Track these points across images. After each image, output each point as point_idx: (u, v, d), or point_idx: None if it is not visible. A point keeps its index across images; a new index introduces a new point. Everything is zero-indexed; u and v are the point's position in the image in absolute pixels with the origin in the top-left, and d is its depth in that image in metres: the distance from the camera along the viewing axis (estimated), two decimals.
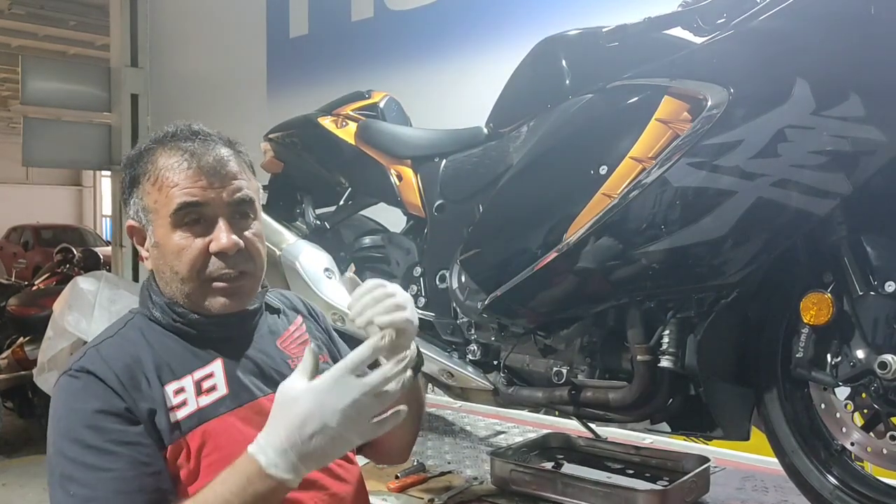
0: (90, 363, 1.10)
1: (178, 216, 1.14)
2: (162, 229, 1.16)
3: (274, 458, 0.98)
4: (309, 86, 4.58)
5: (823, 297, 1.45)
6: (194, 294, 1.16)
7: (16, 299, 5.55)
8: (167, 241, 1.15)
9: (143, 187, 1.17)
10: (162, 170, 1.15)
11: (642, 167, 1.54)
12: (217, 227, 1.15)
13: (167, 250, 1.15)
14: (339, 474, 1.23)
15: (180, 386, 1.13)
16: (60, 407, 1.09)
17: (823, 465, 1.52)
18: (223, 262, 1.15)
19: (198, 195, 1.14)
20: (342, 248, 2.35)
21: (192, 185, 1.14)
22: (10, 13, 9.27)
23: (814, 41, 1.40)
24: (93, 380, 1.08)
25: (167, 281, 1.17)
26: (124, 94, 6.21)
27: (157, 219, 1.16)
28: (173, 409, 1.11)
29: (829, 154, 1.35)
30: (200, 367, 1.15)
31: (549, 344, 1.84)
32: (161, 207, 1.15)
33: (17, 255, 13.74)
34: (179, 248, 1.14)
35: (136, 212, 1.19)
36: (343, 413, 0.97)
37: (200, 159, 1.15)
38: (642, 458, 1.96)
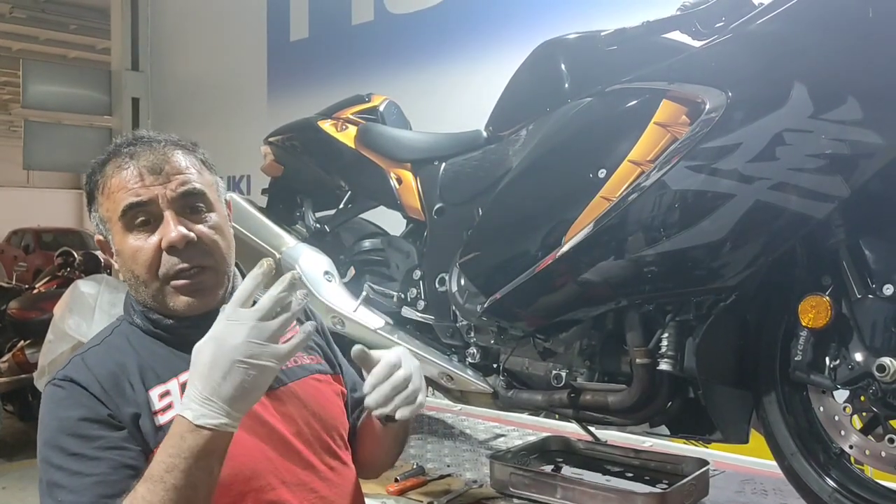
0: (74, 372, 1.11)
1: (126, 219, 1.15)
2: (118, 236, 1.17)
3: (198, 409, 0.98)
4: (309, 89, 4.59)
5: (822, 300, 1.45)
6: (158, 296, 1.16)
7: (16, 303, 5.54)
8: (123, 246, 1.16)
9: (97, 200, 1.20)
10: (108, 178, 1.17)
11: (641, 170, 1.54)
12: (164, 223, 1.15)
13: (125, 256, 1.16)
14: (328, 477, 1.22)
15: (165, 389, 1.13)
16: (45, 416, 1.10)
17: (822, 468, 1.52)
18: (177, 258, 1.14)
19: (141, 194, 1.14)
20: (342, 251, 2.36)
21: (134, 186, 1.15)
22: (11, 17, 9.29)
23: (811, 44, 1.40)
24: (76, 389, 1.09)
25: (134, 287, 1.19)
26: (125, 97, 6.22)
27: (112, 227, 1.18)
28: (158, 412, 1.11)
29: (826, 157, 1.35)
30: (185, 369, 1.12)
31: (549, 347, 1.84)
32: (112, 214, 1.17)
33: (17, 259, 13.72)
34: (133, 250, 1.15)
35: (97, 225, 1.21)
36: (245, 344, 0.98)
37: (140, 160, 1.16)
38: (642, 461, 1.97)
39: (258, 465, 1.14)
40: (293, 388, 1.23)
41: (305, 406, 1.23)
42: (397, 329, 2.11)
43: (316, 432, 1.22)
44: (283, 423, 1.19)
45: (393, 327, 2.11)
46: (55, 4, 8.99)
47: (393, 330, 2.10)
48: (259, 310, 1.00)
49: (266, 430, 1.16)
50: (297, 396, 1.23)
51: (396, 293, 2.16)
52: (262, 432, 1.16)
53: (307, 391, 1.25)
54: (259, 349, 0.98)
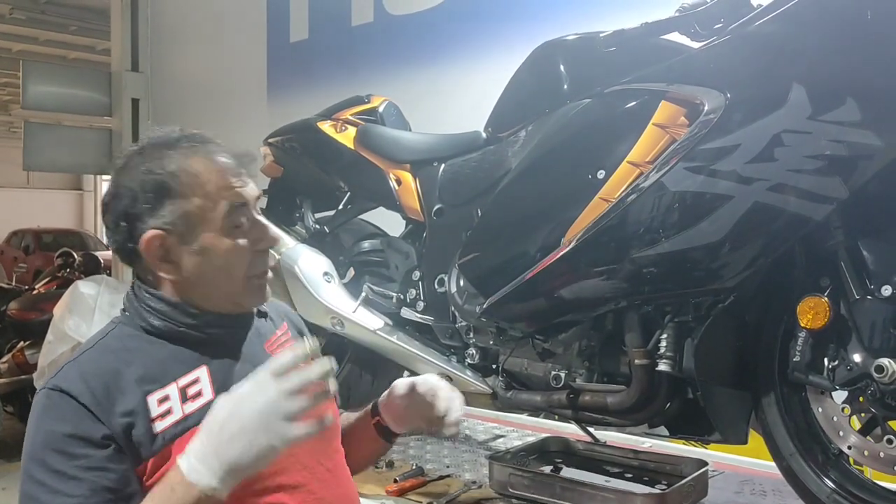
0: (65, 381, 1.09)
1: (230, 219, 1.15)
2: (212, 234, 1.14)
3: (195, 464, 0.97)
4: (309, 90, 4.59)
5: (820, 301, 1.46)
6: (239, 293, 1.17)
7: (16, 303, 5.54)
8: (219, 244, 1.15)
9: (177, 191, 1.14)
10: (197, 172, 1.15)
11: (640, 172, 1.54)
12: (258, 224, 1.18)
13: (219, 254, 1.15)
14: (325, 478, 1.22)
15: (164, 394, 1.11)
16: (33, 425, 1.09)
17: (821, 469, 1.52)
18: (264, 258, 1.19)
19: (241, 197, 1.16)
20: (341, 252, 2.36)
21: (237, 186, 1.16)
22: (10, 18, 9.29)
23: (810, 46, 1.41)
24: (66, 400, 1.07)
25: (207, 286, 1.16)
26: (125, 98, 6.21)
27: (202, 224, 1.14)
28: (156, 419, 1.09)
29: (825, 158, 1.35)
30: (185, 373, 1.14)
31: (548, 348, 1.85)
32: (209, 212, 1.14)
33: (17, 260, 13.71)
34: (233, 249, 1.15)
35: (169, 220, 1.14)
36: (260, 414, 0.97)
37: (225, 159, 1.17)
38: (641, 461, 1.97)
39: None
40: None
41: None
42: (396, 330, 2.11)
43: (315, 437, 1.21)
44: None
45: (392, 328, 2.11)
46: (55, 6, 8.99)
47: (392, 331, 2.10)
48: (286, 386, 0.99)
49: None
50: None
51: (396, 294, 2.16)
52: None
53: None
54: (271, 425, 0.97)
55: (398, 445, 2.30)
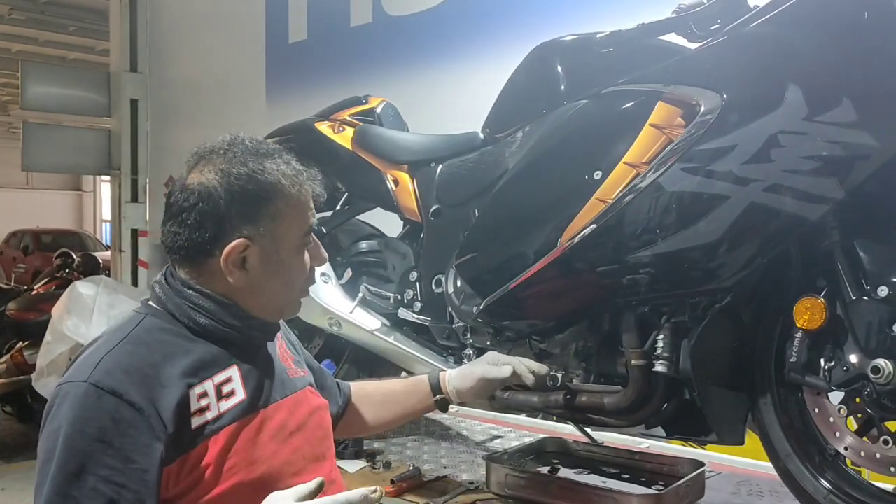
0: (108, 377, 1.06)
1: (308, 237, 1.24)
2: (291, 250, 1.21)
3: None
4: (308, 91, 4.59)
5: (816, 301, 1.46)
6: (287, 305, 1.26)
7: (15, 304, 5.54)
8: (294, 260, 1.22)
9: (278, 208, 1.18)
10: (291, 196, 1.20)
11: (636, 172, 1.54)
12: (316, 244, 1.27)
13: (294, 268, 1.22)
14: (331, 479, 1.24)
15: (203, 390, 1.12)
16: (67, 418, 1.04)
17: (817, 470, 1.52)
18: (314, 275, 1.28)
19: (316, 217, 1.27)
20: (339, 252, 2.36)
21: (313, 208, 1.25)
22: (10, 18, 9.29)
23: (806, 47, 1.41)
24: (107, 399, 1.04)
25: (270, 295, 1.21)
26: (124, 98, 6.22)
27: (286, 240, 1.20)
28: (196, 413, 1.10)
29: (821, 159, 1.35)
30: (218, 371, 1.15)
31: (545, 348, 1.85)
32: (296, 231, 1.21)
33: (16, 260, 13.71)
34: (305, 266, 1.24)
35: (259, 231, 1.16)
36: None
37: (310, 188, 1.25)
38: (637, 462, 1.97)
39: (282, 469, 1.16)
40: (302, 397, 1.28)
41: (311, 414, 1.28)
42: (394, 330, 2.11)
43: (318, 439, 1.27)
44: (299, 429, 1.23)
45: (389, 329, 2.11)
46: (54, 6, 8.99)
47: (389, 331, 2.10)
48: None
49: (286, 436, 1.20)
50: (306, 404, 1.28)
51: (393, 295, 2.16)
52: (282, 437, 1.19)
53: (310, 401, 1.30)
54: None
55: (395, 446, 2.32)
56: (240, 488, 1.10)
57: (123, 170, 6.15)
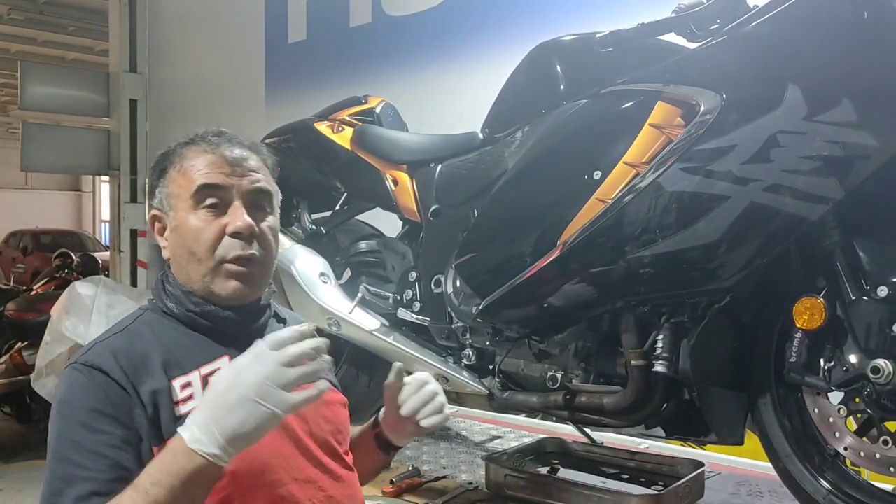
0: (96, 357, 1.12)
1: (198, 196, 1.20)
2: (183, 212, 1.21)
3: (197, 433, 0.98)
4: (307, 91, 4.59)
5: (816, 301, 1.45)
6: (207, 276, 1.19)
7: (14, 304, 5.54)
8: (186, 222, 1.20)
9: (169, 175, 1.24)
10: (188, 158, 1.23)
11: (636, 172, 1.54)
12: (233, 209, 1.20)
13: (186, 231, 1.20)
14: (336, 477, 1.24)
15: (187, 381, 1.14)
16: (59, 399, 1.12)
17: (817, 470, 1.52)
18: (238, 244, 1.19)
19: (218, 179, 1.20)
20: (338, 252, 2.36)
21: (213, 171, 1.21)
22: (9, 18, 9.29)
23: (806, 47, 1.41)
24: (96, 375, 1.10)
25: (183, 265, 1.21)
26: (123, 99, 6.21)
27: (178, 203, 1.21)
28: (179, 402, 1.12)
29: (821, 159, 1.35)
30: (208, 362, 1.17)
31: (544, 349, 1.85)
32: (184, 191, 1.21)
33: (15, 260, 13.69)
34: (198, 228, 1.19)
35: (160, 200, 1.24)
36: (259, 385, 0.98)
37: (224, 150, 1.23)
38: (637, 462, 1.97)
39: (271, 460, 1.16)
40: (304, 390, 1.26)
41: (317, 408, 1.25)
42: (393, 331, 2.11)
43: (326, 434, 1.26)
44: (297, 422, 1.21)
45: (389, 329, 2.11)
46: (53, 6, 8.98)
47: (389, 331, 2.10)
48: (284, 355, 1.00)
49: (281, 427, 1.16)
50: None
51: (392, 295, 2.16)
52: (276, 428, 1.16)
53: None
54: (270, 393, 0.98)
55: None
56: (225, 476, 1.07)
57: (123, 170, 6.14)
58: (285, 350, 1.01)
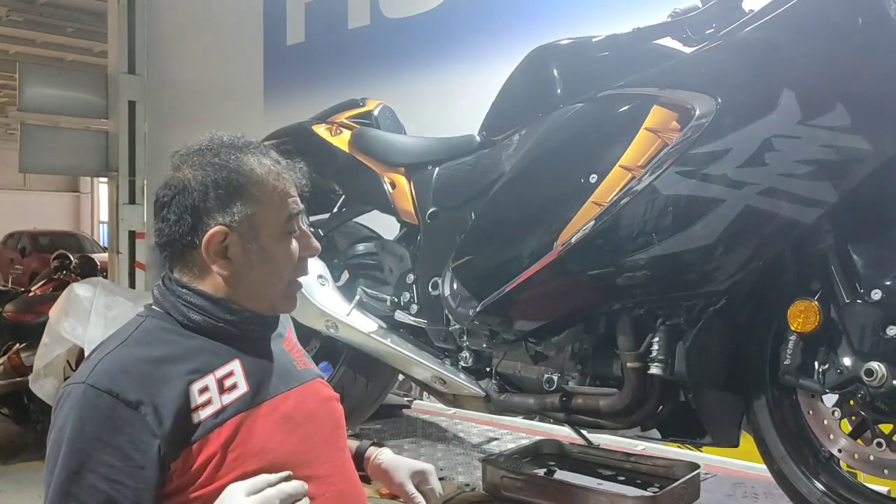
0: (104, 377, 1.08)
1: (288, 226, 1.21)
2: (270, 239, 1.20)
3: None
4: (306, 93, 4.59)
5: (811, 304, 1.47)
6: (280, 296, 1.23)
7: (12, 305, 5.54)
8: (277, 247, 1.20)
9: (250, 194, 1.19)
10: (267, 182, 1.20)
11: (632, 176, 1.55)
12: (305, 233, 1.24)
13: (276, 256, 1.20)
14: (343, 472, 1.27)
15: (204, 385, 1.13)
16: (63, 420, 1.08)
17: (811, 472, 1.53)
18: (305, 266, 1.25)
19: (297, 207, 1.23)
20: (336, 255, 2.36)
21: (295, 195, 1.23)
22: (7, 20, 9.28)
23: (800, 51, 1.42)
24: (104, 398, 1.07)
25: (257, 286, 1.20)
26: (122, 100, 6.21)
27: (265, 227, 1.19)
28: (198, 408, 1.11)
29: (815, 163, 1.36)
30: (220, 365, 1.17)
31: (541, 351, 1.85)
32: (273, 218, 1.20)
33: (13, 262, 13.72)
34: (288, 254, 1.21)
35: (236, 219, 1.18)
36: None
37: (290, 175, 1.24)
38: (633, 464, 1.97)
39: (288, 459, 1.17)
40: (310, 388, 1.29)
41: (321, 405, 1.28)
42: (390, 333, 2.11)
43: (330, 429, 1.28)
44: (306, 419, 1.23)
45: (386, 331, 2.11)
46: (52, 8, 8.98)
47: (386, 334, 2.10)
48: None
49: (293, 426, 1.20)
50: (314, 395, 1.28)
51: (390, 297, 2.17)
52: (289, 427, 1.20)
53: (320, 392, 1.31)
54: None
55: (392, 448, 2.31)
56: (244, 478, 1.10)
57: (121, 171, 6.14)
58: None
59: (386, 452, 1.47)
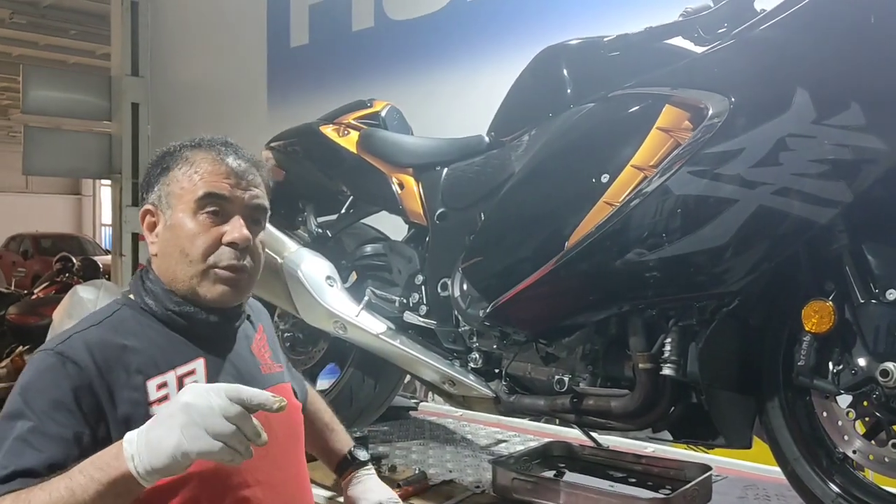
0: (72, 348, 1.13)
1: (202, 202, 1.22)
2: (181, 213, 1.23)
3: (134, 447, 0.99)
4: (310, 95, 4.59)
5: (825, 305, 1.46)
6: (196, 278, 1.22)
7: (15, 308, 5.55)
8: (184, 223, 1.22)
9: (172, 174, 1.25)
10: (195, 163, 1.25)
11: (644, 175, 1.55)
12: (234, 221, 1.23)
13: (182, 232, 1.22)
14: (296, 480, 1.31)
15: (163, 381, 1.16)
16: (28, 378, 1.13)
17: (825, 474, 1.52)
18: (232, 253, 1.23)
19: (224, 189, 1.23)
20: (344, 256, 2.35)
21: (220, 180, 1.24)
22: (11, 22, 9.29)
23: (814, 50, 1.41)
24: (69, 366, 1.11)
25: (172, 264, 1.23)
26: (125, 102, 6.21)
27: (179, 203, 1.23)
28: (153, 403, 1.14)
29: (829, 162, 1.36)
30: (183, 363, 1.20)
31: (551, 352, 1.84)
32: (187, 193, 1.23)
33: (16, 264, 13.71)
34: (195, 232, 1.22)
35: (158, 197, 1.26)
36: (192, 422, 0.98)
37: (231, 161, 1.26)
38: (644, 466, 1.96)
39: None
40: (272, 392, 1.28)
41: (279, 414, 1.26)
42: (399, 334, 2.10)
43: (286, 437, 1.29)
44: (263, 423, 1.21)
45: (395, 332, 2.11)
46: (55, 10, 8.99)
47: (395, 335, 2.10)
48: (229, 410, 0.99)
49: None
50: None
51: (398, 298, 2.16)
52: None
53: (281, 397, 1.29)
54: (195, 430, 0.97)
55: (400, 450, 2.31)
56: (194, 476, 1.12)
57: (124, 174, 6.14)
58: (233, 406, 0.99)
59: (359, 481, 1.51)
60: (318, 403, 1.62)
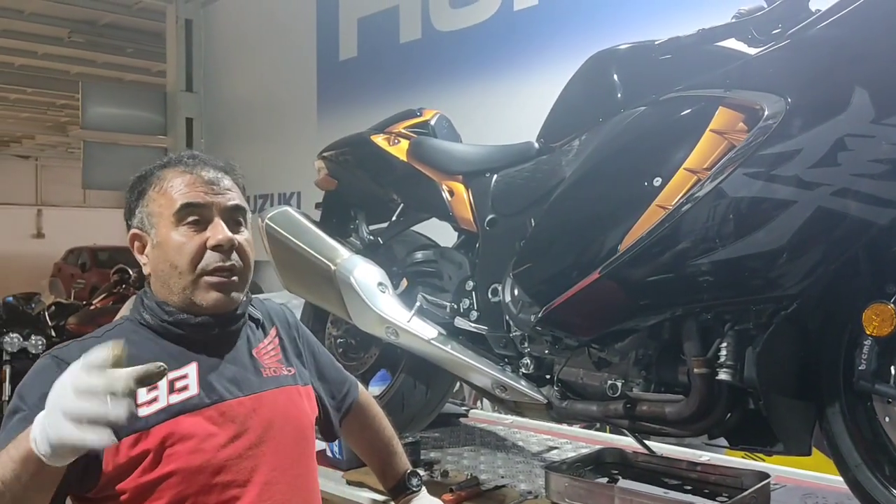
0: (68, 353, 1.19)
1: (180, 214, 1.28)
2: (164, 229, 1.29)
3: (40, 423, 1.00)
4: (359, 107, 4.66)
5: (886, 307, 1.42)
6: (188, 288, 1.27)
7: (75, 318, 5.69)
8: (168, 239, 1.28)
9: (149, 195, 1.32)
10: (167, 179, 1.31)
11: (697, 178, 1.53)
12: (214, 225, 1.29)
13: (168, 247, 1.28)
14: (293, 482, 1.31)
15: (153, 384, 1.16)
16: (26, 379, 1.21)
17: (888, 480, 1.48)
18: (219, 256, 1.28)
19: (198, 198, 1.29)
20: (395, 263, 2.38)
21: (192, 190, 1.30)
22: (69, 41, 9.58)
23: (872, 49, 1.39)
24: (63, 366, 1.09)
25: (164, 279, 1.29)
26: (180, 117, 6.39)
27: (160, 221, 1.30)
28: (142, 405, 1.18)
29: (889, 162, 1.33)
30: (176, 368, 1.24)
31: (604, 357, 1.83)
32: (165, 210, 1.29)
33: (75, 276, 14.08)
34: (180, 243, 1.27)
35: (140, 220, 1.32)
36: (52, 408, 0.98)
37: (200, 171, 1.32)
38: (700, 474, 1.93)
39: (228, 462, 1.22)
40: (272, 396, 1.33)
41: (281, 413, 1.32)
42: (450, 339, 2.11)
43: (287, 439, 1.32)
44: (258, 425, 1.28)
45: (446, 338, 2.12)
46: (112, 29, 9.24)
47: (446, 340, 2.11)
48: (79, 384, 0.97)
49: (240, 429, 1.26)
50: (276, 403, 1.33)
51: (449, 304, 2.17)
52: (234, 430, 1.25)
53: (284, 400, 1.35)
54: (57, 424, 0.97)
55: (452, 456, 2.32)
56: (177, 473, 1.18)
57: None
58: (83, 378, 0.97)
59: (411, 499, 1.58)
60: (382, 421, 1.65)
